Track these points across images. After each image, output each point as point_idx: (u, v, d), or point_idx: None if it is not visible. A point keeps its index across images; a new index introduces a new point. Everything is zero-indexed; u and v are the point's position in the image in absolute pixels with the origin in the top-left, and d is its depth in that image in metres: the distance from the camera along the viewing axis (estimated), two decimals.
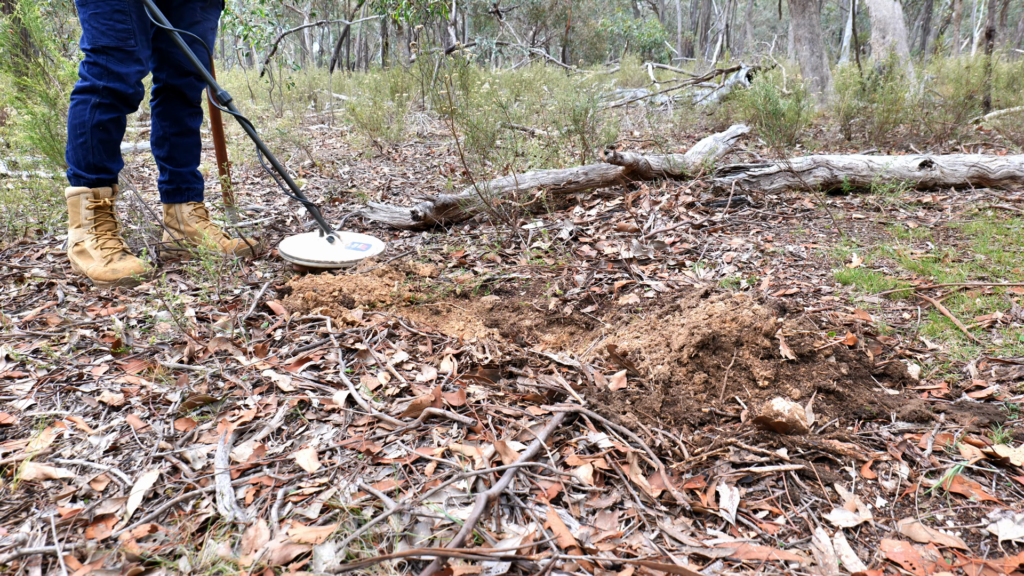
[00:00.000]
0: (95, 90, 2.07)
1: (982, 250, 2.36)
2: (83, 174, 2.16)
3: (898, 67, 5.00)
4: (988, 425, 1.30)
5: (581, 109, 3.72)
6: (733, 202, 3.10)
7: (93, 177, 2.17)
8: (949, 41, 17.96)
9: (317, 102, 8.26)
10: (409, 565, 0.96)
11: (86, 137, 2.10)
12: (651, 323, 1.75)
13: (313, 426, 1.35)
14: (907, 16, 19.75)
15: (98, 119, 2.09)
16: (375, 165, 4.65)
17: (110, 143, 2.15)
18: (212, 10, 2.40)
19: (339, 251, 2.31)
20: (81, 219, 2.18)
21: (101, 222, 2.20)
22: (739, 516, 1.09)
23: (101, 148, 2.14)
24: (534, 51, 15.04)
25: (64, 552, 1.00)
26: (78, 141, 2.12)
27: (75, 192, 2.17)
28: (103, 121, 2.10)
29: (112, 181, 2.23)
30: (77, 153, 2.14)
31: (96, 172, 2.17)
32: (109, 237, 2.20)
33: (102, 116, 2.10)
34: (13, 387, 1.50)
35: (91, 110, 2.08)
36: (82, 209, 2.18)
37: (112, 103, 2.10)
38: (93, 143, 2.12)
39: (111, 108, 2.10)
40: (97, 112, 2.09)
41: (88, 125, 2.09)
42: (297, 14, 16.48)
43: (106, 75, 2.06)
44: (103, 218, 2.21)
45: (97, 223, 2.19)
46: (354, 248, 2.35)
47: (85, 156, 2.13)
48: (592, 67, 13.27)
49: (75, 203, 2.18)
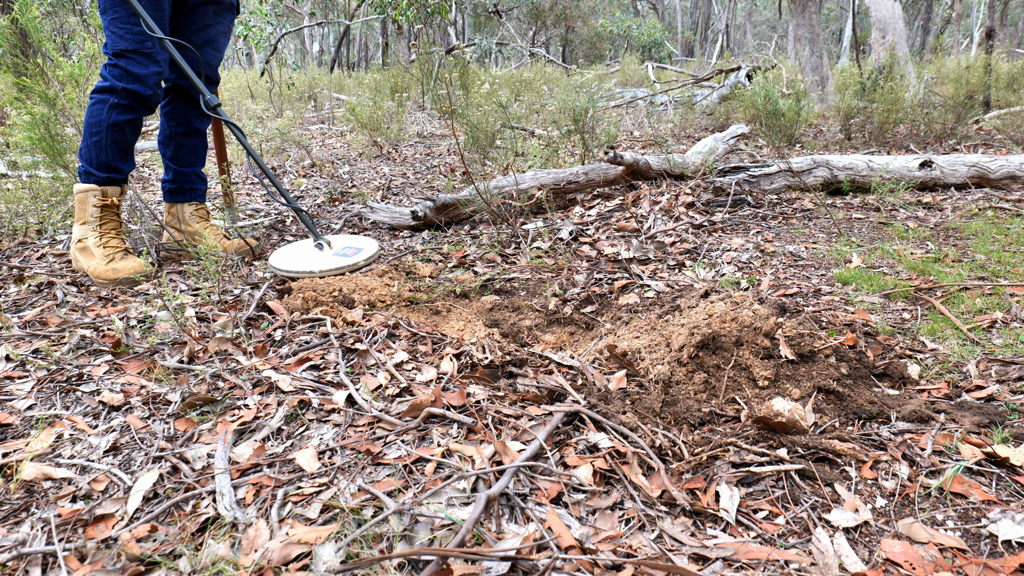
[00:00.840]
0: (114, 91, 2.10)
1: (982, 250, 2.36)
2: (94, 172, 2.17)
3: (898, 67, 5.00)
4: (988, 425, 1.30)
5: (581, 109, 3.72)
6: (733, 202, 3.10)
7: (104, 176, 2.18)
8: (949, 41, 17.97)
9: (317, 102, 8.26)
10: (409, 565, 0.96)
11: (100, 136, 2.12)
12: (651, 323, 1.75)
13: (313, 426, 1.35)
14: (907, 16, 19.74)
15: (115, 119, 2.12)
16: (375, 165, 4.65)
17: (124, 144, 2.17)
18: (226, 14, 2.41)
19: (324, 259, 2.25)
20: (87, 216, 2.19)
21: (106, 220, 2.21)
22: (739, 516, 1.09)
23: (114, 148, 2.16)
24: (534, 51, 15.04)
25: (64, 552, 1.00)
26: (92, 139, 2.14)
27: (83, 189, 2.19)
28: (119, 122, 2.12)
29: (122, 181, 2.24)
30: (91, 151, 2.15)
31: (107, 171, 2.19)
32: (113, 236, 2.21)
33: (119, 117, 2.12)
34: (13, 387, 1.50)
35: (108, 110, 2.11)
36: (89, 206, 2.19)
37: (130, 104, 2.12)
38: (107, 142, 2.14)
39: (128, 109, 2.13)
40: (115, 112, 2.11)
41: (104, 124, 2.11)
42: (297, 14, 16.48)
43: (125, 77, 2.09)
44: (109, 217, 2.22)
45: (102, 221, 2.21)
46: (342, 254, 2.29)
47: (98, 155, 2.15)
48: (592, 67, 13.27)
49: (83, 200, 2.19)
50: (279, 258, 2.27)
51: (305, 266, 2.20)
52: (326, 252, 2.31)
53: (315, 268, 2.18)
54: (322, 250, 2.32)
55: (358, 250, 2.33)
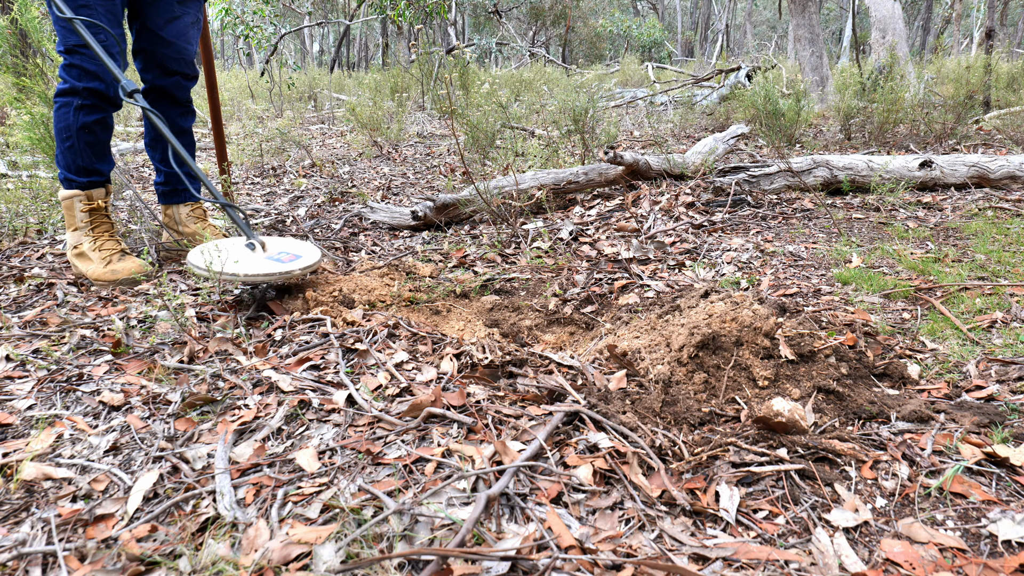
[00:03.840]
0: (76, 92, 2.04)
1: (982, 250, 2.36)
2: (74, 177, 2.14)
3: (898, 67, 5.00)
4: (988, 425, 1.30)
5: (581, 109, 3.72)
6: (733, 202, 3.10)
7: (84, 180, 2.15)
8: (949, 41, 17.97)
9: (317, 102, 8.26)
10: (409, 565, 0.96)
11: (72, 140, 2.08)
12: (651, 323, 1.75)
13: (313, 426, 1.35)
14: (907, 16, 19.75)
15: (82, 121, 2.06)
16: (375, 165, 4.65)
17: (97, 144, 2.12)
18: (191, 3, 2.31)
19: (252, 262, 1.94)
20: (77, 222, 2.17)
21: (97, 224, 2.19)
22: (739, 516, 1.09)
23: (89, 151, 2.11)
24: (534, 51, 15.04)
25: (64, 552, 1.00)
26: (65, 145, 2.09)
27: (68, 196, 2.16)
28: (87, 123, 2.07)
29: (104, 182, 2.21)
30: (66, 157, 2.11)
31: (87, 175, 2.15)
32: (107, 238, 2.19)
33: (86, 118, 2.06)
34: (13, 387, 1.50)
35: (74, 113, 2.05)
36: (77, 212, 2.17)
37: (94, 103, 2.07)
38: (80, 146, 2.09)
39: (94, 109, 2.07)
40: (81, 114, 2.06)
41: (73, 128, 2.06)
42: (297, 14, 16.48)
43: (84, 75, 2.03)
44: (99, 219, 2.20)
45: (93, 225, 2.18)
46: (275, 259, 1.98)
47: (74, 160, 2.11)
48: (592, 67, 13.27)
49: (69, 206, 2.17)
50: (199, 255, 1.95)
51: (227, 267, 1.89)
52: (257, 254, 2.02)
53: (239, 271, 1.87)
54: (253, 251, 2.03)
55: (295, 257, 2.01)
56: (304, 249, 2.09)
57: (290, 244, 2.13)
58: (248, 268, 1.88)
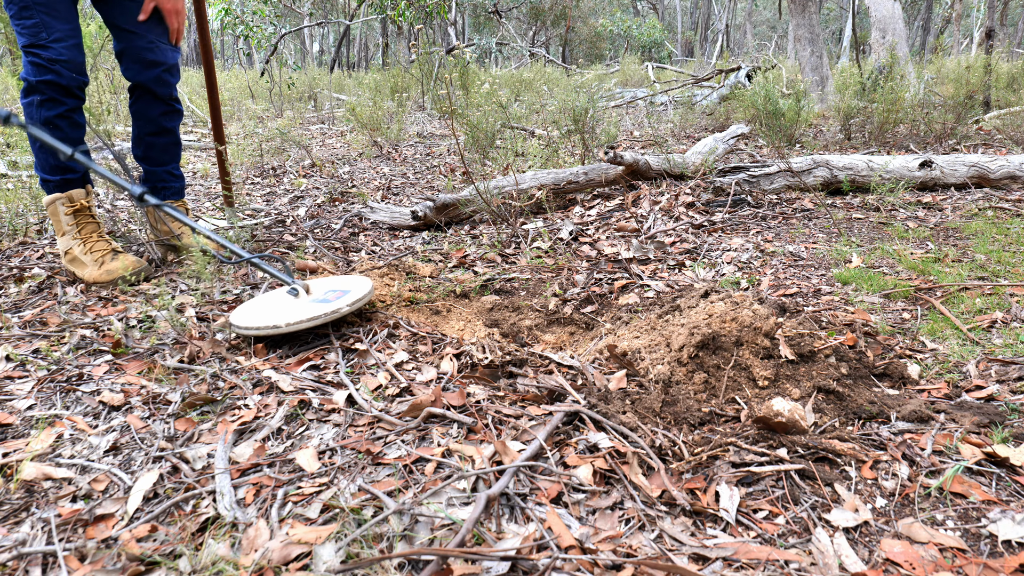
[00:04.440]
0: (34, 88, 2.04)
1: (982, 250, 2.36)
2: (49, 177, 2.14)
3: (898, 67, 5.00)
4: (988, 425, 1.30)
5: (581, 109, 3.72)
6: (733, 202, 3.10)
7: (58, 179, 2.14)
8: (949, 41, 17.97)
9: (317, 102, 8.26)
10: (409, 565, 0.96)
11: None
12: (651, 323, 1.75)
13: (313, 426, 1.35)
14: (907, 16, 19.75)
15: (44, 116, 2.05)
16: (375, 165, 4.65)
17: (67, 142, 2.09)
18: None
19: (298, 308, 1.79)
20: (64, 226, 2.17)
21: (83, 225, 2.19)
22: (739, 516, 1.09)
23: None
24: (534, 51, 15.05)
25: (64, 552, 1.00)
26: (36, 145, 2.09)
27: (51, 200, 2.16)
28: (49, 118, 2.05)
29: (82, 182, 2.20)
30: (39, 158, 2.12)
31: (60, 173, 2.13)
32: (96, 239, 2.19)
33: (47, 113, 2.05)
34: (13, 387, 1.50)
35: (37, 109, 2.05)
36: (61, 216, 2.17)
37: (52, 97, 2.04)
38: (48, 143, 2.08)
39: (53, 102, 2.05)
40: (42, 110, 2.05)
41: (38, 124, 2.05)
42: (297, 14, 16.48)
43: (38, 70, 2.02)
44: (84, 221, 2.19)
45: (80, 227, 2.18)
46: (322, 300, 1.82)
47: (46, 159, 2.11)
48: (592, 67, 13.27)
49: (54, 211, 2.17)
50: (242, 314, 1.79)
51: (270, 320, 1.71)
52: (302, 299, 1.86)
53: (279, 322, 1.69)
54: (297, 296, 1.88)
55: (343, 293, 1.87)
56: (351, 283, 1.95)
57: (336, 282, 1.99)
58: (292, 316, 1.72)
